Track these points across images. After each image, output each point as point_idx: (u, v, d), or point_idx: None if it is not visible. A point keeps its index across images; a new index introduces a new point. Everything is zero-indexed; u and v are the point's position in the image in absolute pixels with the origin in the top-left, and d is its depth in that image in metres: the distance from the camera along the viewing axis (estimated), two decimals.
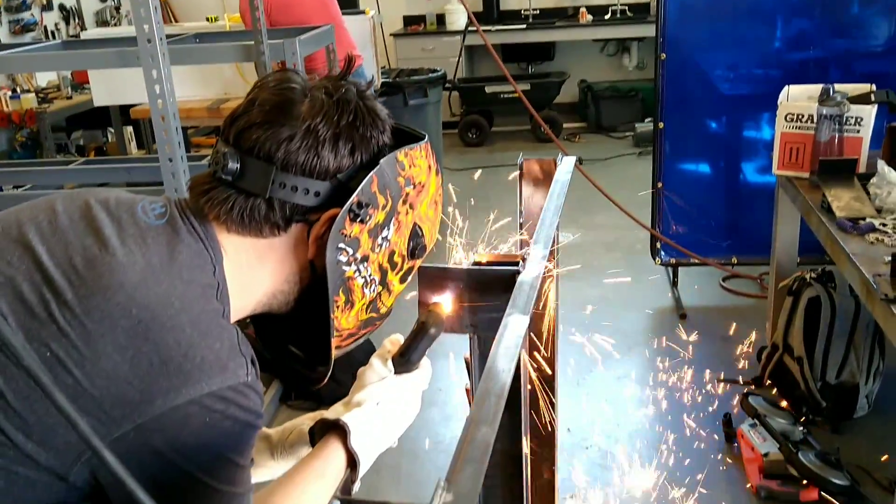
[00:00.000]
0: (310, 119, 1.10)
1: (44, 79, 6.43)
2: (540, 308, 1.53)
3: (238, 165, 1.09)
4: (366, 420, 1.22)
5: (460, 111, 7.64)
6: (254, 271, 1.14)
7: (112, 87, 4.78)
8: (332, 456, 1.18)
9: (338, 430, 1.20)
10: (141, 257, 1.02)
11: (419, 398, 1.31)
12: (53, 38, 6.51)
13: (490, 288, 1.28)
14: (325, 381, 1.26)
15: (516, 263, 1.28)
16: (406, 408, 1.28)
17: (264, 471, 1.34)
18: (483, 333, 1.30)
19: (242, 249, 1.13)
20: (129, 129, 6.10)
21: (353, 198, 1.10)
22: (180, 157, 2.79)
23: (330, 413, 1.27)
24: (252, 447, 1.07)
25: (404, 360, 1.29)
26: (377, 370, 1.28)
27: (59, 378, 0.93)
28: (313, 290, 1.17)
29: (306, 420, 1.35)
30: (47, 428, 0.93)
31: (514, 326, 1.08)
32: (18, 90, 5.87)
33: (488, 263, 1.31)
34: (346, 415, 1.22)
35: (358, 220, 1.11)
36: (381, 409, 1.24)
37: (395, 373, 1.29)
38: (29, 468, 0.94)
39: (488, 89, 7.36)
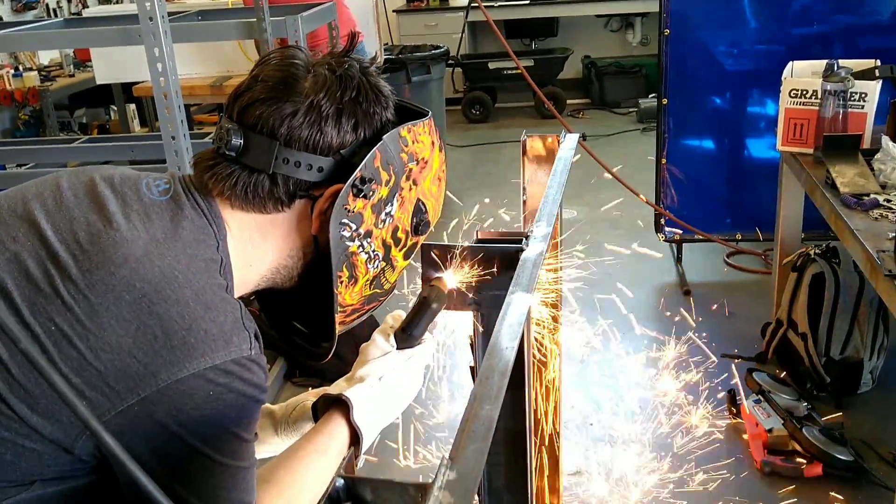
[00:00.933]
0: (313, 95, 1.10)
1: (46, 57, 6.41)
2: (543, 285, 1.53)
3: (241, 141, 1.10)
4: (368, 395, 1.23)
5: (463, 88, 7.60)
6: (257, 247, 1.15)
7: (114, 64, 4.76)
8: (336, 431, 1.19)
9: (341, 405, 1.21)
10: (145, 232, 1.03)
11: (422, 373, 1.31)
12: (55, 15, 6.48)
13: (493, 265, 1.28)
14: (329, 357, 1.26)
15: (519, 241, 1.28)
16: (409, 383, 1.29)
17: (268, 447, 1.35)
18: (486, 311, 1.30)
19: (246, 225, 1.14)
20: (132, 106, 6.08)
21: (356, 173, 1.10)
22: (183, 136, 2.79)
23: (333, 388, 1.28)
24: (256, 421, 1.08)
25: (407, 336, 1.29)
26: (380, 345, 1.29)
27: (63, 352, 0.94)
28: (317, 265, 1.18)
29: (310, 396, 1.36)
30: (52, 401, 0.94)
31: (517, 304, 1.08)
32: (21, 68, 5.86)
33: (491, 241, 1.31)
34: (349, 390, 1.23)
35: (361, 195, 1.11)
36: (383, 384, 1.25)
37: (398, 348, 1.29)
38: (35, 441, 0.95)
39: (491, 65, 7.32)
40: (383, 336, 1.30)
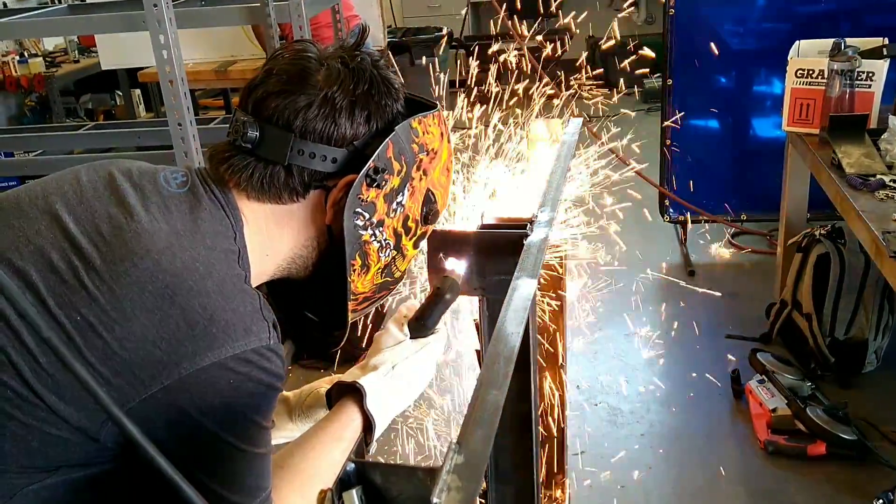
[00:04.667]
0: (326, 88, 1.12)
1: (51, 43, 6.40)
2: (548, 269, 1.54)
3: (257, 133, 1.12)
4: (382, 383, 1.25)
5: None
6: (273, 237, 1.18)
7: (119, 50, 4.77)
8: (349, 418, 1.22)
9: (354, 392, 1.24)
10: (165, 224, 1.05)
11: (434, 363, 1.33)
12: (59, 1, 6.46)
13: (498, 251, 1.29)
14: (340, 344, 1.29)
15: (524, 226, 1.28)
16: (421, 372, 1.31)
17: (282, 433, 1.38)
18: (492, 296, 1.31)
19: (262, 216, 1.16)
20: (137, 91, 6.09)
21: (370, 163, 1.13)
22: (189, 122, 2.79)
23: (346, 376, 1.30)
24: (273, 409, 1.11)
25: (420, 325, 1.31)
26: (393, 334, 1.31)
27: (89, 341, 0.96)
28: (331, 254, 1.20)
29: (323, 383, 1.39)
30: (78, 389, 0.96)
31: (522, 289, 1.09)
32: (26, 54, 5.86)
33: (496, 226, 1.32)
34: (363, 378, 1.25)
35: (374, 185, 1.14)
36: (396, 372, 1.27)
37: (411, 337, 1.31)
38: (61, 429, 0.97)
39: (495, 46, 7.29)
40: (397, 325, 1.32)
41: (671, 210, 4.15)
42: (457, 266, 1.30)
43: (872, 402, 2.91)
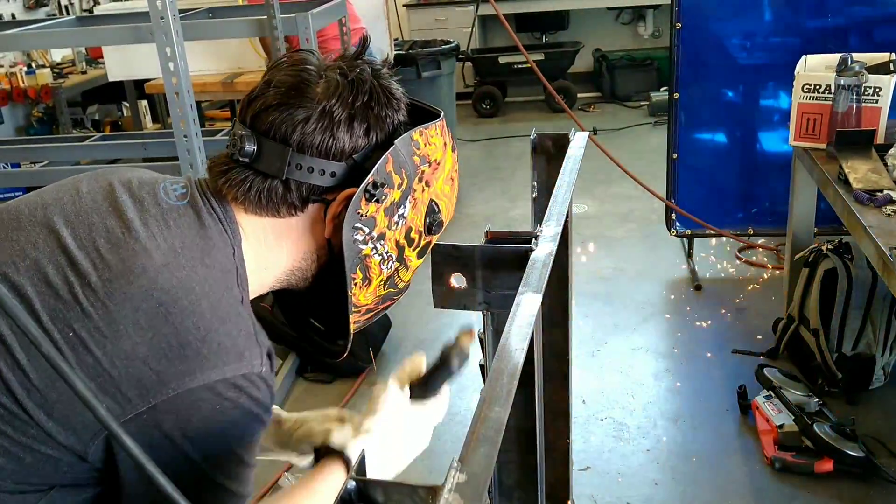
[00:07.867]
0: (325, 100, 1.11)
1: (58, 54, 6.43)
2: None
3: (255, 147, 1.10)
4: (372, 450, 1.20)
5: (474, 82, 7.59)
6: (272, 250, 1.16)
7: (126, 61, 4.78)
8: (335, 483, 1.16)
9: (343, 455, 1.20)
10: (163, 241, 1.04)
11: (430, 432, 1.30)
12: (67, 13, 6.50)
13: (503, 265, 1.28)
14: (345, 355, 1.27)
15: (529, 240, 1.28)
16: (416, 441, 1.28)
17: (266, 453, 1.34)
18: (496, 310, 1.30)
19: (260, 229, 1.15)
20: (144, 103, 6.12)
21: (369, 178, 1.10)
22: (195, 134, 2.80)
23: (338, 436, 1.24)
24: (257, 444, 1.07)
25: (422, 389, 1.28)
26: (392, 396, 1.25)
27: (80, 358, 0.95)
28: (331, 267, 1.18)
29: (318, 417, 1.33)
30: (68, 406, 0.95)
31: (526, 305, 1.09)
32: (34, 65, 5.89)
33: (501, 240, 1.32)
34: (354, 442, 1.20)
35: (374, 199, 1.12)
36: (390, 441, 1.23)
37: (412, 397, 1.27)
38: (51, 447, 0.96)
39: (502, 60, 7.30)
40: (398, 384, 1.27)
41: (678, 224, 4.14)
42: (472, 327, 1.27)
43: (880, 418, 2.89)
